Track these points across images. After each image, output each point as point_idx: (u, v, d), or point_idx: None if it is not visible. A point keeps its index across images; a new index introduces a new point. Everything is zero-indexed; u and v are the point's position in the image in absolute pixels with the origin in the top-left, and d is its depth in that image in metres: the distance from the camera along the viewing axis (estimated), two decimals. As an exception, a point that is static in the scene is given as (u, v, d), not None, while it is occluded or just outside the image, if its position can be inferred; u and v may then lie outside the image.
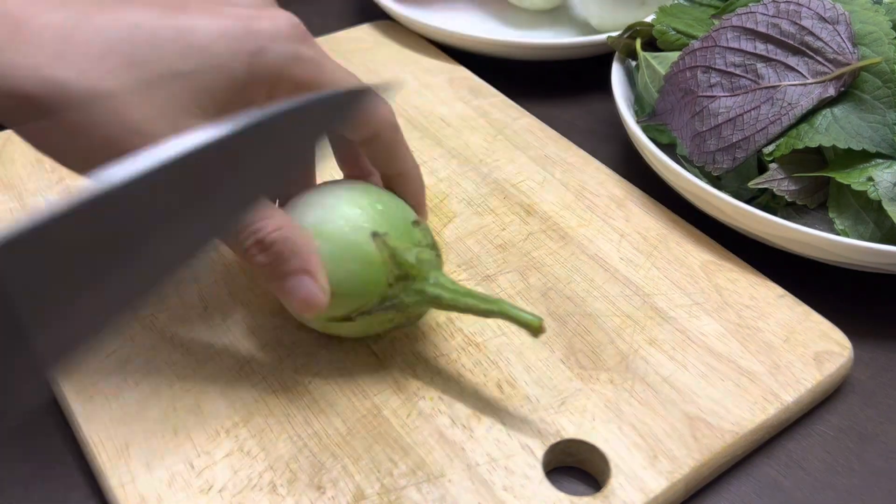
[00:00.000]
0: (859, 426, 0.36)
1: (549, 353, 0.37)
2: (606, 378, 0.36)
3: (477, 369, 0.36)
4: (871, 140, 0.40)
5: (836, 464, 0.35)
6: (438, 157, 0.49)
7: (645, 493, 0.32)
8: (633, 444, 0.33)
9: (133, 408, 0.34)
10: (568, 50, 0.58)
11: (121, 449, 0.33)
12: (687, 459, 0.33)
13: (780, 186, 0.41)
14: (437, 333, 0.38)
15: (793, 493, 0.34)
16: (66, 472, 0.34)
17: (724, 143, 0.42)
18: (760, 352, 0.37)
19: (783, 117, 0.41)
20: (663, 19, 0.50)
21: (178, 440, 0.33)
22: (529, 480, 0.32)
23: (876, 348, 0.40)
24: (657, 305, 0.39)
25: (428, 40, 0.61)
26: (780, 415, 0.35)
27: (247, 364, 0.36)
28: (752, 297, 0.40)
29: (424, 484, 0.32)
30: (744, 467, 0.35)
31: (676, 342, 0.38)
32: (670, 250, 0.42)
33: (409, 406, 0.35)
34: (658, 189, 0.47)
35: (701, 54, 0.44)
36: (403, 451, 0.33)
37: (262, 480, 0.32)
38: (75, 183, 0.47)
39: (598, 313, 0.39)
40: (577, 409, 0.35)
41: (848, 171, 0.40)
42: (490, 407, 0.35)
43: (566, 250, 0.42)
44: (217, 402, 0.35)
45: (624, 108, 0.47)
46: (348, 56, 0.59)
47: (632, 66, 0.52)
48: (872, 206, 0.40)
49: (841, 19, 0.41)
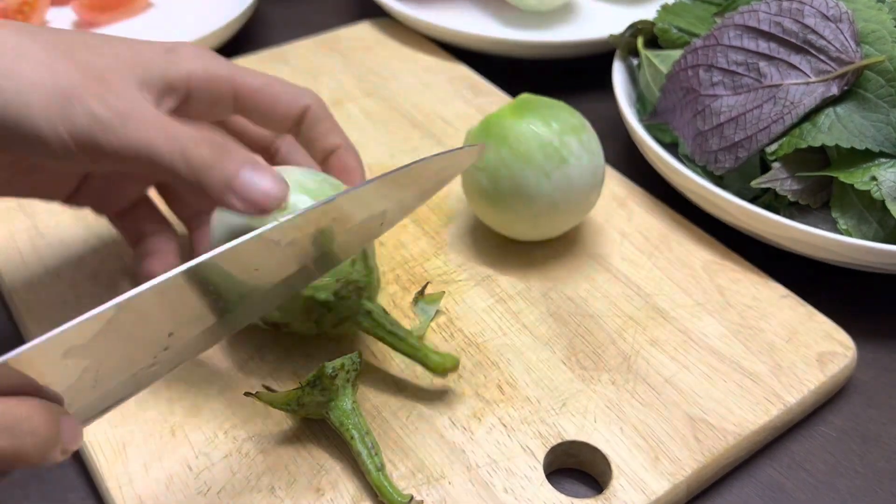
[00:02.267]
0: (862, 427, 0.36)
1: (550, 354, 0.37)
2: (608, 379, 0.36)
3: (477, 370, 0.36)
4: (874, 139, 0.39)
5: (839, 465, 0.35)
6: (439, 155, 0.49)
7: (646, 495, 0.31)
8: (634, 445, 0.33)
9: (131, 408, 0.34)
10: (569, 48, 0.57)
11: (118, 450, 0.33)
12: (689, 461, 0.33)
13: (782, 186, 0.41)
14: (438, 334, 0.38)
15: (795, 494, 0.34)
16: (64, 473, 0.34)
17: (726, 142, 0.42)
18: (763, 352, 0.37)
19: (786, 116, 0.41)
20: (665, 17, 0.49)
21: (176, 441, 0.33)
22: (530, 482, 0.32)
23: (879, 349, 0.40)
24: (659, 306, 0.39)
25: (428, 38, 0.60)
26: (783, 416, 0.35)
27: (246, 365, 0.36)
28: (755, 298, 0.40)
29: (424, 486, 0.32)
30: (746, 469, 0.34)
31: (678, 343, 0.37)
32: (672, 250, 0.42)
33: (409, 408, 0.34)
34: (660, 188, 0.46)
35: (703, 53, 0.44)
36: (403, 453, 0.33)
37: (260, 482, 0.32)
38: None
39: (599, 314, 0.39)
40: (578, 410, 0.34)
41: (851, 170, 0.40)
42: (490, 408, 0.34)
43: (567, 250, 0.42)
44: (215, 403, 0.35)
45: (626, 106, 0.47)
46: (348, 54, 0.59)
47: (634, 65, 0.52)
48: (876, 205, 0.39)
49: (844, 17, 0.41)
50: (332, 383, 0.32)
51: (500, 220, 0.40)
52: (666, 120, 0.46)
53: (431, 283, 0.40)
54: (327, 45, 0.60)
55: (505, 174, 0.38)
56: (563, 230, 0.41)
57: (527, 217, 0.39)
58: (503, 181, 0.38)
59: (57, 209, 0.44)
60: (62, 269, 0.41)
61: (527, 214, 0.39)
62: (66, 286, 0.40)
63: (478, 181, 0.39)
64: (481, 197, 0.40)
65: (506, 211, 0.39)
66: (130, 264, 0.41)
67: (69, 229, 0.43)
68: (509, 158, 0.38)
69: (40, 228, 0.43)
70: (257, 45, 0.63)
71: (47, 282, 0.40)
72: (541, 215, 0.39)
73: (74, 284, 0.40)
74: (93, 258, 0.41)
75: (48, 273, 0.40)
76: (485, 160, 0.39)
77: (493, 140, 0.39)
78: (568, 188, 0.38)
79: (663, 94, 0.46)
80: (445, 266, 0.41)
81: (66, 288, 0.40)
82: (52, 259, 0.41)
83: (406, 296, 0.39)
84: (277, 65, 0.57)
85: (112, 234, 0.43)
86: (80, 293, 0.39)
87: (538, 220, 0.39)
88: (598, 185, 0.40)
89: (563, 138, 0.38)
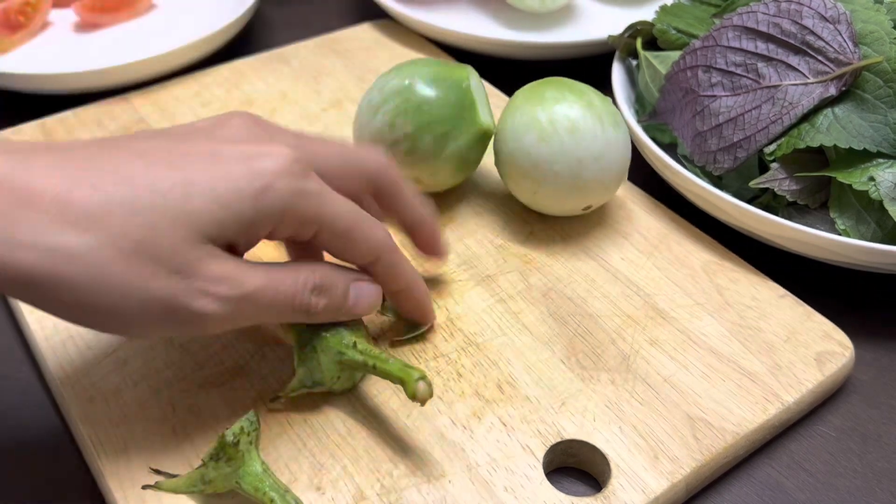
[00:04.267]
0: (861, 427, 0.36)
1: (550, 354, 0.37)
2: (607, 378, 0.36)
3: (477, 369, 0.36)
4: (872, 140, 0.39)
5: (838, 465, 0.35)
6: (439, 156, 0.49)
7: (646, 494, 0.31)
8: (633, 444, 0.33)
9: (132, 408, 0.34)
10: (568, 49, 0.58)
11: (120, 450, 0.33)
12: (688, 460, 0.33)
13: (781, 186, 0.41)
14: (437, 334, 0.38)
15: (794, 493, 0.34)
16: (66, 473, 0.34)
17: (725, 142, 0.42)
18: (762, 352, 0.37)
19: (784, 117, 0.41)
20: (664, 18, 0.49)
21: (177, 441, 0.33)
22: (530, 481, 0.32)
23: (878, 349, 0.40)
24: (658, 306, 0.39)
25: (428, 39, 0.61)
26: (782, 415, 0.35)
27: (246, 364, 0.36)
28: (754, 298, 0.40)
29: (424, 485, 0.32)
30: (745, 468, 0.35)
31: (677, 342, 0.37)
32: (671, 250, 0.42)
33: (410, 406, 0.35)
34: (659, 189, 0.47)
35: (702, 53, 0.44)
36: (403, 452, 0.33)
37: (261, 481, 0.32)
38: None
39: (598, 313, 0.39)
40: (577, 409, 0.34)
41: (849, 170, 0.40)
42: (490, 407, 0.35)
43: (567, 250, 0.42)
44: (216, 402, 0.35)
45: (625, 107, 0.47)
46: (349, 55, 0.59)
47: (632, 66, 0.52)
48: (874, 205, 0.39)
49: (842, 19, 0.41)
50: (235, 451, 0.30)
51: (543, 163, 0.40)
52: (665, 120, 0.46)
53: (431, 282, 0.40)
54: (328, 47, 0.60)
55: (565, 110, 0.40)
56: (590, 200, 0.42)
57: (572, 162, 0.40)
58: (562, 118, 0.40)
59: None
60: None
61: (573, 159, 0.40)
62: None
63: (531, 114, 0.40)
64: (529, 131, 0.40)
65: (554, 153, 0.40)
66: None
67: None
68: (574, 98, 0.40)
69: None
70: (258, 46, 0.63)
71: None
72: (585, 165, 0.40)
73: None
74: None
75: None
76: (544, 95, 0.41)
77: (555, 85, 0.41)
78: (616, 146, 0.40)
79: (662, 95, 0.46)
80: (445, 266, 0.41)
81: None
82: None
83: (406, 296, 0.40)
84: (278, 66, 0.57)
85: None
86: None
87: (580, 172, 0.40)
88: (626, 170, 0.42)
89: (615, 111, 0.42)
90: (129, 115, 0.52)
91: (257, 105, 0.53)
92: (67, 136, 0.50)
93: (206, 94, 0.54)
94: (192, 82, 0.56)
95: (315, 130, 0.51)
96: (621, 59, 0.52)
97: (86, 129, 0.51)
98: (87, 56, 0.60)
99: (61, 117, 0.52)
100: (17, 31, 0.61)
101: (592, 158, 0.40)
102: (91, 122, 0.52)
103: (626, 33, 0.51)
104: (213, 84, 0.55)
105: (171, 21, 0.64)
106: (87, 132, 0.51)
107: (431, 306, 0.37)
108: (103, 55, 0.60)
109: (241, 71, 0.57)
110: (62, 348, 0.37)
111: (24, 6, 0.62)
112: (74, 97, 0.56)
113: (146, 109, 0.53)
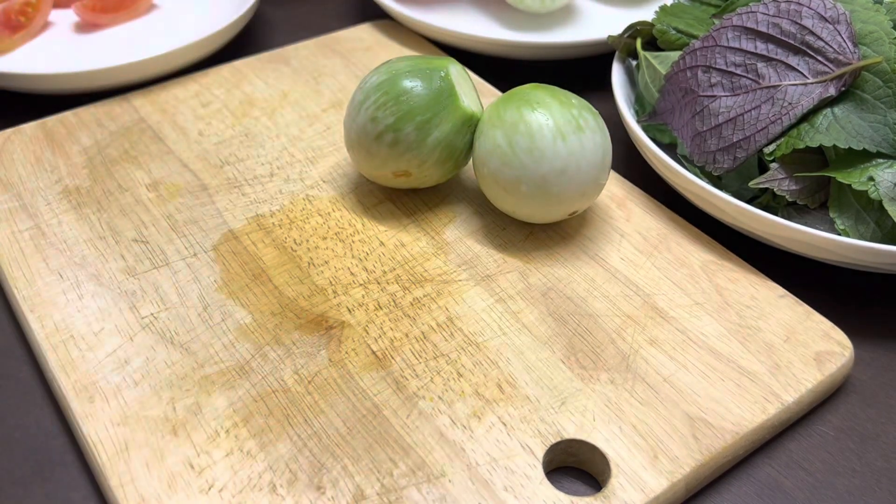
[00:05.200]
0: (860, 426, 0.36)
1: (550, 354, 0.37)
2: (607, 378, 0.36)
3: (477, 369, 0.36)
4: (871, 140, 0.40)
5: (837, 464, 0.35)
6: (439, 156, 0.49)
7: (645, 494, 0.32)
8: (633, 444, 0.33)
9: (133, 407, 0.34)
10: (568, 49, 0.58)
11: (120, 449, 0.33)
12: (688, 459, 0.33)
13: (780, 186, 0.41)
14: (437, 333, 0.38)
15: (793, 493, 0.34)
16: (66, 472, 0.34)
17: (724, 142, 0.42)
18: (761, 352, 0.37)
19: (784, 117, 0.41)
20: (664, 18, 0.50)
21: (177, 440, 0.33)
22: (530, 480, 0.32)
23: (877, 348, 0.40)
24: (658, 305, 0.39)
25: (428, 40, 0.61)
26: (781, 415, 0.35)
27: (247, 364, 0.36)
28: (753, 297, 0.40)
29: (424, 484, 0.32)
30: (744, 468, 0.35)
31: (677, 342, 0.37)
32: (671, 250, 0.42)
33: (409, 406, 0.35)
34: (659, 189, 0.47)
35: (702, 54, 0.44)
36: (403, 452, 0.33)
37: (261, 480, 0.32)
38: (74, 182, 0.47)
39: (598, 313, 0.39)
40: (577, 409, 0.35)
41: (849, 170, 0.40)
42: (490, 407, 0.35)
43: (566, 250, 0.42)
44: (217, 402, 0.35)
45: (624, 107, 0.47)
46: (349, 55, 0.59)
47: (632, 66, 0.52)
48: (873, 205, 0.40)
49: (842, 19, 0.41)
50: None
51: (510, 185, 0.41)
52: (664, 120, 0.46)
53: (431, 282, 0.40)
54: (328, 47, 0.60)
55: (522, 130, 0.40)
56: (569, 209, 0.41)
57: (536, 180, 0.40)
58: (520, 138, 0.40)
59: (59, 209, 0.44)
60: (64, 268, 0.41)
61: (537, 177, 0.40)
62: (69, 286, 0.40)
63: (493, 138, 0.41)
64: (492, 156, 0.41)
65: (518, 175, 0.40)
66: (133, 264, 0.41)
67: (71, 229, 0.43)
68: (529, 115, 0.40)
69: (42, 228, 0.43)
70: (258, 46, 0.63)
71: (50, 281, 0.40)
72: (550, 181, 0.40)
73: (77, 284, 0.40)
74: (95, 258, 0.42)
75: (51, 272, 0.41)
76: (503, 117, 0.40)
77: (514, 102, 0.41)
78: (580, 155, 0.40)
79: (662, 95, 0.46)
80: (445, 266, 0.41)
81: (68, 287, 0.40)
82: (54, 258, 0.41)
83: (406, 295, 0.40)
84: (278, 66, 0.57)
85: (114, 234, 0.43)
86: (82, 293, 0.39)
87: (547, 189, 0.40)
88: (606, 169, 0.41)
89: (582, 112, 0.40)
90: (129, 115, 0.52)
91: (257, 105, 0.54)
92: (67, 136, 0.50)
93: (206, 94, 0.55)
94: (192, 82, 0.56)
95: (315, 130, 0.51)
96: (621, 60, 0.52)
97: (86, 129, 0.51)
98: (87, 56, 0.60)
99: (61, 117, 0.52)
100: (17, 32, 0.61)
101: (556, 173, 0.39)
102: (91, 122, 0.52)
103: (626, 33, 0.51)
104: (213, 84, 0.56)
105: (171, 21, 0.64)
106: (87, 132, 0.51)
107: None
108: (103, 55, 0.60)
109: (241, 71, 0.57)
110: (62, 348, 0.37)
111: (24, 6, 0.62)
112: (74, 97, 0.56)
113: (146, 109, 0.53)
